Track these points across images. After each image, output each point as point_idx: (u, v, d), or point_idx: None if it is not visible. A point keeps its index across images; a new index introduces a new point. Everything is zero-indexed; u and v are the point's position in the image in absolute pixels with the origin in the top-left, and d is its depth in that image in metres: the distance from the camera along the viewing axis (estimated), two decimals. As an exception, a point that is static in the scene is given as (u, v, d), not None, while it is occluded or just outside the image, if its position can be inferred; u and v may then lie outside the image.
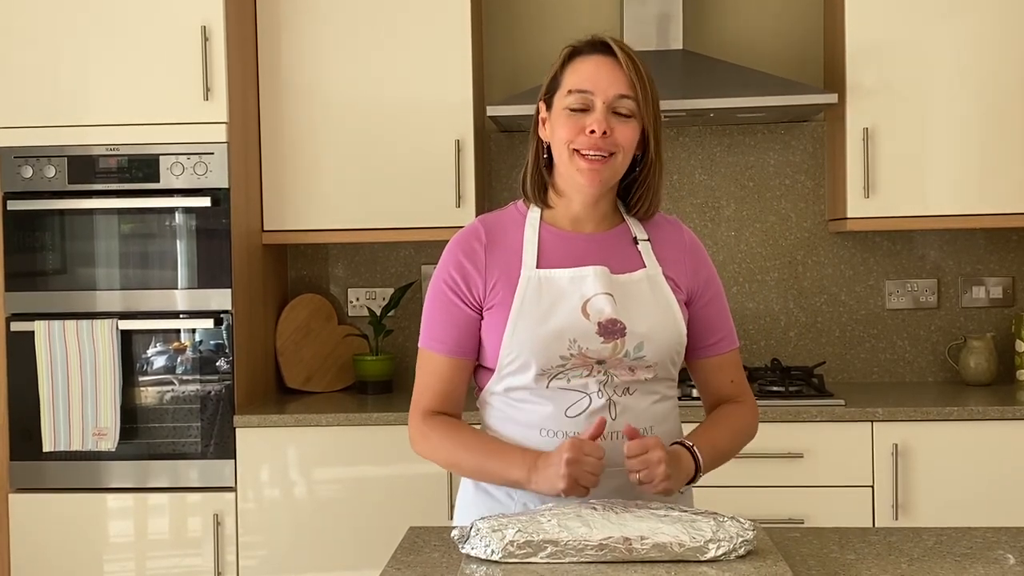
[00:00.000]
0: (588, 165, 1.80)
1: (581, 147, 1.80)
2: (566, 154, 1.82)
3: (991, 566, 1.63)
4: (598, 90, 1.79)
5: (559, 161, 1.85)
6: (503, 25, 3.82)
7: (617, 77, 1.80)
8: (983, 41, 3.35)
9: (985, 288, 3.70)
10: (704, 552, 1.54)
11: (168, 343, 3.31)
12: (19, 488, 3.31)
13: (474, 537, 1.58)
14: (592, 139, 1.79)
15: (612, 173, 1.83)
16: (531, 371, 1.81)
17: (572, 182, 1.84)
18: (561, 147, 1.82)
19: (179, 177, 3.27)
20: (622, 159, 1.83)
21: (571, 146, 1.81)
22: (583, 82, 1.81)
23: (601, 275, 1.83)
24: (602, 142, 1.79)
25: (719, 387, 1.97)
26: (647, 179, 1.88)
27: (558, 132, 1.82)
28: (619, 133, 1.80)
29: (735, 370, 1.98)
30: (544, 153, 1.88)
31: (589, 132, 1.78)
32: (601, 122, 1.78)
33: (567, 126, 1.81)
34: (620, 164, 1.83)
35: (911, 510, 3.15)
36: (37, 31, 3.29)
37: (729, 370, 1.97)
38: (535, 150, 1.90)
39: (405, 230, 3.49)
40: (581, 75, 1.81)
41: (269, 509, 3.27)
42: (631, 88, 1.80)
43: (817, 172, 3.74)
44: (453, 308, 1.86)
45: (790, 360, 3.74)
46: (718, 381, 1.97)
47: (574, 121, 1.80)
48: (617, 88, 1.80)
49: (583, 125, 1.79)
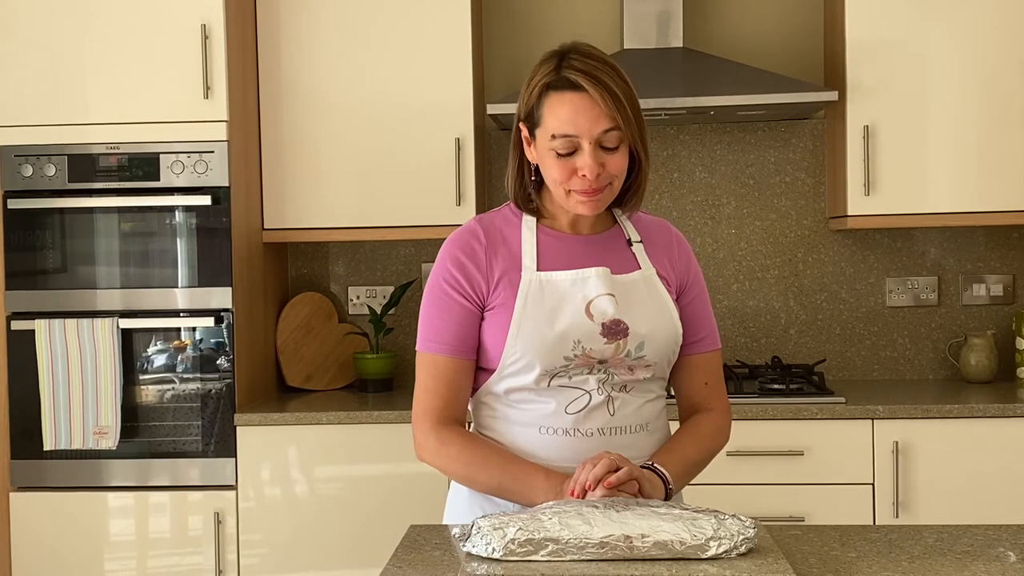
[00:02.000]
0: (586, 198, 1.80)
1: (575, 187, 1.79)
2: (561, 192, 1.81)
3: (992, 564, 1.63)
4: (582, 132, 1.76)
5: (555, 193, 1.83)
6: (503, 23, 3.82)
7: (597, 114, 1.76)
8: (984, 39, 3.35)
9: (986, 286, 3.70)
10: (705, 550, 1.54)
11: (169, 342, 3.31)
12: (20, 487, 3.31)
13: (475, 535, 1.58)
14: (585, 181, 1.78)
15: (610, 196, 1.83)
16: (534, 372, 1.81)
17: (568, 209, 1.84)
18: (554, 185, 1.81)
19: (179, 176, 3.27)
20: (617, 184, 1.82)
21: (565, 187, 1.80)
22: (564, 126, 1.77)
23: (603, 276, 1.83)
24: (596, 181, 1.78)
25: (693, 390, 1.95)
26: (637, 180, 1.88)
27: (549, 172, 1.81)
28: (611, 165, 1.79)
29: (712, 373, 1.96)
30: (532, 175, 1.87)
31: (582, 176, 1.77)
32: (592, 166, 1.76)
33: (557, 168, 1.79)
34: (616, 188, 1.83)
35: (912, 508, 3.15)
36: (37, 30, 3.29)
37: (705, 372, 1.95)
38: (518, 166, 1.88)
39: (405, 228, 3.49)
40: (561, 119, 1.77)
41: (270, 507, 3.27)
42: (612, 121, 1.76)
43: (817, 170, 3.74)
44: (454, 306, 1.85)
45: (790, 358, 3.74)
46: (693, 382, 1.94)
47: (563, 164, 1.78)
48: (600, 125, 1.76)
49: (574, 168, 1.78)
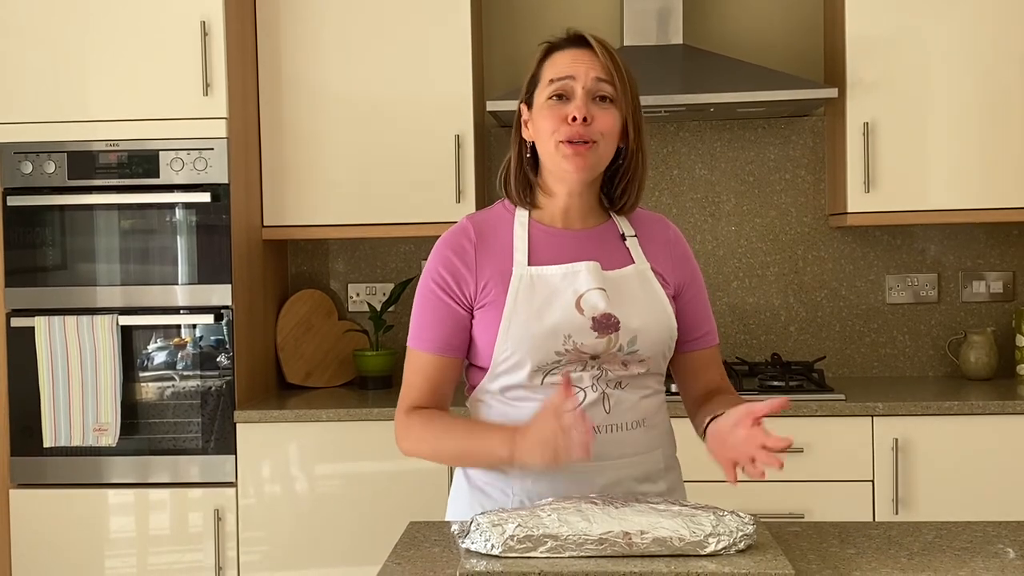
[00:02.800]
0: (573, 150, 1.81)
1: (563, 136, 1.81)
2: (551, 145, 1.83)
3: (991, 560, 1.63)
4: (577, 74, 1.82)
5: (545, 155, 1.86)
6: (503, 20, 3.82)
7: (595, 63, 1.83)
8: (983, 35, 3.35)
9: (985, 283, 3.70)
10: (704, 546, 1.54)
11: (168, 339, 3.31)
12: (20, 484, 3.31)
13: (474, 532, 1.58)
14: (574, 127, 1.80)
15: (597, 159, 1.84)
16: (526, 368, 1.80)
17: (559, 174, 1.85)
18: (546, 139, 1.84)
19: (179, 172, 3.27)
20: (604, 147, 1.84)
21: (555, 136, 1.82)
22: (562, 69, 1.84)
23: (593, 270, 1.84)
24: (584, 130, 1.80)
25: (709, 381, 1.97)
26: (630, 170, 1.89)
27: (541, 125, 1.84)
28: (600, 120, 1.82)
29: (717, 366, 1.99)
30: (528, 152, 1.90)
31: (571, 120, 1.80)
32: (581, 108, 1.80)
33: (549, 117, 1.83)
34: (604, 151, 1.85)
35: (911, 504, 3.15)
36: (37, 27, 3.29)
37: (712, 365, 1.98)
38: (518, 151, 1.92)
39: (405, 225, 3.49)
40: (559, 65, 1.85)
41: (270, 504, 3.27)
42: (608, 73, 1.83)
43: (817, 167, 3.74)
44: (442, 307, 1.86)
45: (790, 355, 3.74)
46: (709, 375, 1.97)
47: (556, 111, 1.82)
48: (596, 71, 1.83)
49: (565, 114, 1.81)
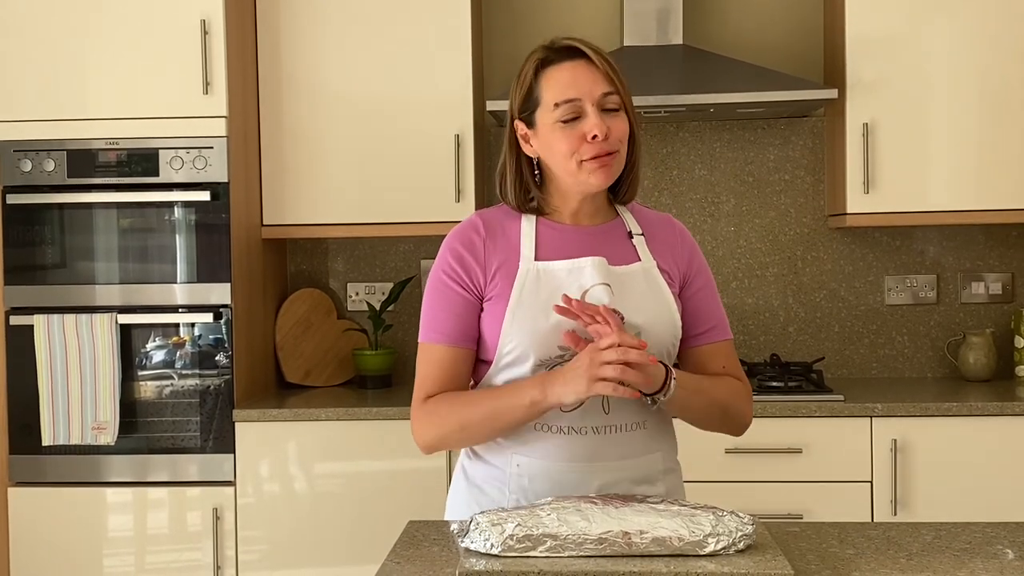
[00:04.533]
0: (599, 166, 1.81)
1: (588, 155, 1.80)
2: (572, 165, 1.82)
3: (990, 561, 1.63)
4: (584, 94, 1.80)
5: (563, 173, 1.84)
6: (503, 19, 3.82)
7: (596, 76, 1.82)
8: (983, 36, 3.35)
9: (984, 284, 3.70)
10: (703, 546, 1.54)
11: (167, 337, 3.31)
12: (18, 482, 3.31)
13: (473, 531, 1.58)
14: (596, 144, 1.80)
15: (619, 166, 1.85)
16: (529, 362, 1.81)
17: (581, 187, 1.85)
18: (564, 160, 1.82)
19: (178, 171, 3.27)
20: (623, 152, 1.85)
21: (576, 156, 1.81)
22: (567, 91, 1.81)
23: (599, 265, 1.84)
24: (606, 144, 1.80)
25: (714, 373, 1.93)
26: (632, 162, 1.90)
27: (556, 147, 1.82)
28: (616, 129, 1.82)
29: (728, 359, 1.96)
30: (534, 169, 1.89)
31: (591, 138, 1.79)
32: (600, 125, 1.79)
33: (565, 139, 1.81)
34: (622, 157, 1.85)
35: (910, 505, 3.15)
36: (37, 25, 3.29)
37: (722, 357, 1.94)
38: (517, 166, 1.90)
39: (405, 224, 3.49)
40: (562, 85, 1.82)
41: (268, 503, 3.27)
42: (611, 83, 1.82)
43: (817, 168, 3.74)
44: (454, 296, 1.86)
45: (789, 356, 3.74)
46: (713, 367, 1.93)
47: (570, 132, 1.81)
48: (601, 87, 1.81)
49: (582, 133, 1.80)
